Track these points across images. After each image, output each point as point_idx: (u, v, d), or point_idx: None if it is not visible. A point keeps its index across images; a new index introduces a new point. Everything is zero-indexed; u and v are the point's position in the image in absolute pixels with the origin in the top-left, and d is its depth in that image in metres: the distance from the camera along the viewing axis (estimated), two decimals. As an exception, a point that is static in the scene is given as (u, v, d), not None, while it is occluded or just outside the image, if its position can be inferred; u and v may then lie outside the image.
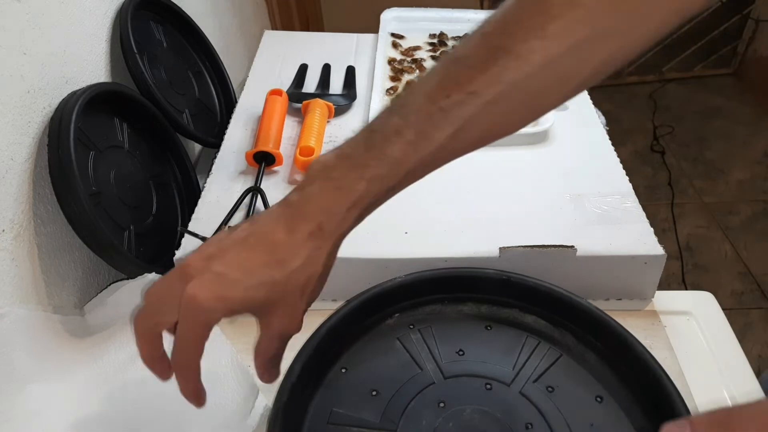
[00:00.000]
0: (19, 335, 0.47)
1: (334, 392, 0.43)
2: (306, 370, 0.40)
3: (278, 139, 0.68)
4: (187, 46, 0.79)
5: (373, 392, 0.43)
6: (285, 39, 0.90)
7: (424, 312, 0.49)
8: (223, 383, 0.48)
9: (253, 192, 0.61)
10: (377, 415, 0.41)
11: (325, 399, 0.42)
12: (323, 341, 0.42)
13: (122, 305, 0.54)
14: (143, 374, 0.37)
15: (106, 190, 0.56)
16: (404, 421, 0.41)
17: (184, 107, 0.73)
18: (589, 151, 0.68)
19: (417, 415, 0.42)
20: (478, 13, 0.93)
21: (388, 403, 0.42)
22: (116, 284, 0.55)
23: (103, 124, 0.59)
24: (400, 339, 0.46)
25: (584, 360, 0.45)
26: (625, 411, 0.42)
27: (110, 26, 0.65)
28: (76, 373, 0.48)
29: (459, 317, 0.49)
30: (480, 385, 0.44)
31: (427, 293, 0.49)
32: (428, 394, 0.43)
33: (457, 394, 0.43)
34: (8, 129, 0.48)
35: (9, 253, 0.48)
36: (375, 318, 0.47)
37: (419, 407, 0.42)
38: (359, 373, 0.44)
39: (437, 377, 0.44)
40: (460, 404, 0.42)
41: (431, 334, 0.47)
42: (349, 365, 0.45)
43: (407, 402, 0.42)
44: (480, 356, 0.46)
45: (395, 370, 0.44)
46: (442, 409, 0.42)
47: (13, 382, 0.45)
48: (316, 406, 0.42)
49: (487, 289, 0.49)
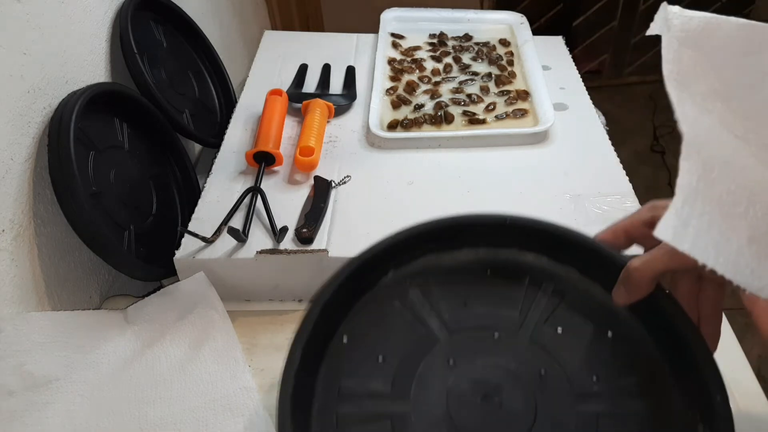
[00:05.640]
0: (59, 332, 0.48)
1: (340, 365, 0.41)
2: (307, 352, 0.38)
3: (278, 139, 0.68)
4: (187, 46, 0.79)
5: (379, 359, 0.41)
6: (285, 39, 0.90)
7: (419, 264, 0.45)
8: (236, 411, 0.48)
9: (253, 192, 0.61)
10: (387, 383, 0.40)
11: (331, 373, 0.40)
12: (320, 319, 0.40)
13: (164, 306, 0.54)
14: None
15: (106, 190, 0.56)
16: (416, 385, 0.40)
17: (184, 107, 0.73)
18: (589, 151, 0.68)
19: (428, 378, 0.40)
20: (478, 13, 0.93)
21: (397, 369, 0.40)
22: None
23: (103, 124, 0.59)
24: (398, 297, 0.44)
25: (590, 295, 0.43)
26: (637, 343, 0.40)
27: (110, 26, 0.65)
28: (100, 366, 0.48)
29: (457, 265, 0.45)
30: (488, 336, 0.42)
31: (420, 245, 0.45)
32: (436, 354, 0.41)
33: (465, 350, 0.41)
34: (8, 129, 0.48)
35: (9, 253, 0.48)
36: (369, 280, 0.44)
37: (429, 369, 0.40)
38: (362, 340, 0.42)
39: (443, 334, 0.42)
40: (470, 360, 0.41)
41: (430, 288, 0.44)
42: (350, 334, 0.42)
43: (416, 366, 0.40)
44: (484, 305, 0.43)
45: (398, 332, 0.42)
46: (452, 367, 0.40)
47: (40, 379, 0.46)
48: (323, 382, 0.40)
49: (483, 233, 0.45)
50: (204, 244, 0.56)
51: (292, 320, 0.57)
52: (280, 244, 0.56)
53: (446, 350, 0.41)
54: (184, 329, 0.52)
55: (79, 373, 0.48)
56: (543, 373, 0.40)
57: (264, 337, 0.55)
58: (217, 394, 0.48)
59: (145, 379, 0.49)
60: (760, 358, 1.39)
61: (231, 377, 0.49)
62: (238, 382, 0.49)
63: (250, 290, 0.58)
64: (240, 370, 0.50)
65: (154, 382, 0.48)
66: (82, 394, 0.47)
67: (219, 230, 0.56)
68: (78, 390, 0.47)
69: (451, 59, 0.84)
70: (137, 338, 0.52)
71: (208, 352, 0.51)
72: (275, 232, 0.57)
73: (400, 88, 0.78)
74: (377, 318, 0.43)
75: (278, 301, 0.59)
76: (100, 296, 0.61)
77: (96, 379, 0.48)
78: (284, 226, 0.57)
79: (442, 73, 0.81)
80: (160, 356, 0.50)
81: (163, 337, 0.52)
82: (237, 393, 0.48)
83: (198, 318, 0.53)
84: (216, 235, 0.56)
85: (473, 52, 0.86)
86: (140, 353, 0.50)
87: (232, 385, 0.49)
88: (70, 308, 0.56)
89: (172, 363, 0.50)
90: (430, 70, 0.82)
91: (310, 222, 0.57)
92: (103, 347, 0.50)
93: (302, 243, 0.56)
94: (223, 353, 0.51)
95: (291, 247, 0.56)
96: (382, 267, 0.44)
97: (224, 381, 0.49)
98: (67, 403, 0.46)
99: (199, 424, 0.46)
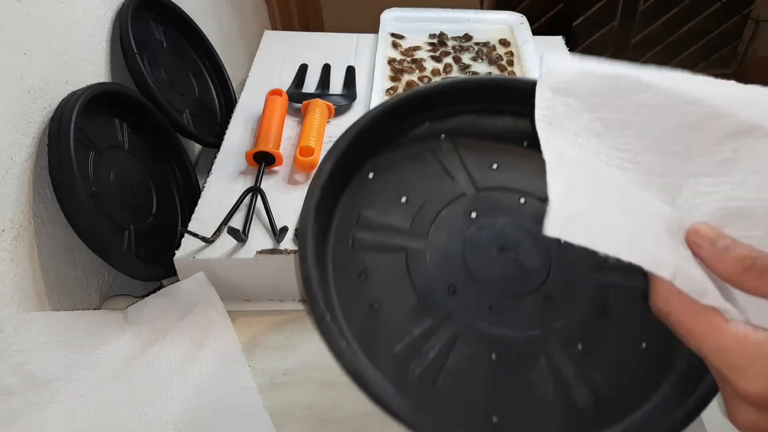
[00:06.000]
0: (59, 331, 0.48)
1: (362, 197, 0.41)
2: (336, 170, 0.38)
3: (278, 139, 0.68)
4: (187, 46, 0.79)
5: (402, 199, 0.41)
6: (285, 39, 0.90)
7: (456, 122, 0.44)
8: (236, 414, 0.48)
9: (253, 192, 0.61)
10: (406, 221, 0.40)
11: (353, 202, 0.40)
12: (353, 143, 0.39)
13: (164, 306, 0.54)
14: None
15: (106, 190, 0.56)
16: (435, 228, 0.40)
17: (184, 107, 0.73)
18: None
19: (447, 223, 0.40)
20: (478, 13, 0.93)
21: (418, 211, 0.40)
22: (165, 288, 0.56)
23: (103, 124, 0.59)
24: (430, 148, 0.43)
25: None
26: None
27: (110, 26, 0.65)
28: (100, 366, 0.48)
29: (494, 130, 0.44)
30: (514, 199, 0.42)
31: (461, 101, 0.44)
32: (459, 205, 0.41)
33: (489, 207, 0.41)
34: (8, 129, 0.48)
35: (9, 253, 0.48)
36: (404, 125, 0.43)
37: (450, 216, 0.40)
38: (388, 179, 0.42)
39: (469, 189, 0.42)
40: (493, 216, 0.41)
41: (463, 145, 0.44)
42: (376, 171, 0.42)
43: (438, 210, 0.40)
44: (515, 171, 0.43)
45: (425, 179, 0.42)
46: (473, 219, 0.40)
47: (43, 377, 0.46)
48: (344, 208, 0.40)
49: (528, 101, 0.44)
50: (204, 244, 0.56)
51: (292, 320, 0.57)
52: (280, 244, 0.56)
53: (470, 204, 0.41)
54: (184, 329, 0.52)
55: (79, 373, 0.48)
56: (563, 241, 0.40)
57: (264, 337, 0.55)
58: (217, 394, 0.48)
59: (145, 379, 0.49)
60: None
61: (231, 377, 0.49)
62: (238, 382, 0.49)
63: (250, 290, 0.58)
64: (240, 370, 0.50)
65: (154, 382, 0.48)
66: (82, 394, 0.47)
67: (219, 230, 0.56)
68: (78, 390, 0.47)
69: (451, 59, 0.84)
70: (137, 338, 0.52)
71: (208, 352, 0.51)
72: (275, 232, 0.57)
73: (400, 88, 0.78)
74: (406, 163, 0.42)
75: (278, 301, 0.59)
76: (100, 296, 0.61)
77: (96, 379, 0.48)
78: (284, 226, 0.57)
79: (442, 73, 0.81)
80: (160, 356, 0.50)
81: (163, 337, 0.52)
82: (237, 393, 0.48)
83: (198, 318, 0.53)
84: (216, 235, 0.56)
85: (473, 52, 0.86)
86: (140, 353, 0.50)
87: (232, 385, 0.49)
88: (70, 308, 0.56)
89: (172, 363, 0.50)
90: (430, 70, 0.82)
91: (310, 222, 0.57)
92: (103, 347, 0.50)
93: (302, 243, 0.56)
94: (223, 353, 0.51)
95: (291, 247, 0.56)
96: (420, 116, 0.43)
97: (224, 381, 0.49)
98: (67, 403, 0.46)
99: (198, 423, 0.46)
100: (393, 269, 0.39)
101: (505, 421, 0.35)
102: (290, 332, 0.56)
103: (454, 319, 0.38)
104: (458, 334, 0.37)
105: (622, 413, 0.36)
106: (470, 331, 0.38)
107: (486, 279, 0.39)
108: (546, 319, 0.38)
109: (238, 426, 0.47)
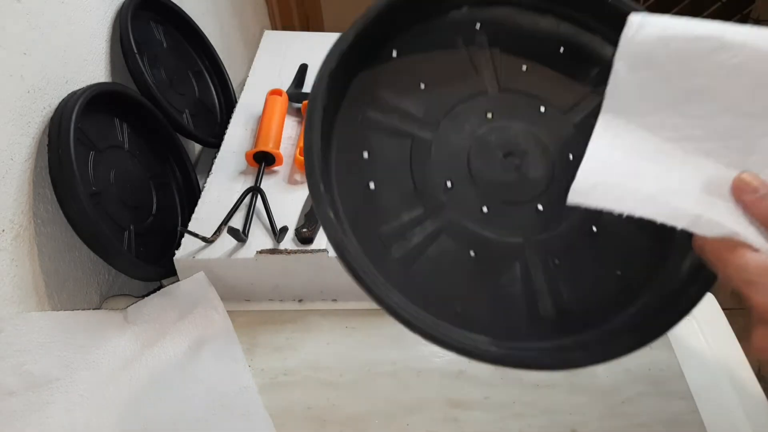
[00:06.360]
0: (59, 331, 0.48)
1: (381, 75, 0.40)
2: (359, 40, 0.37)
3: (278, 139, 0.68)
4: (187, 46, 0.79)
5: (421, 85, 0.40)
6: (285, 39, 0.90)
7: (496, 12, 0.42)
8: (236, 413, 0.48)
9: (253, 192, 0.61)
10: (420, 108, 0.39)
11: (370, 79, 0.39)
12: (383, 12, 0.38)
13: (164, 306, 0.54)
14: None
15: (106, 190, 0.56)
16: (447, 121, 0.39)
17: (184, 107, 0.73)
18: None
19: (461, 118, 0.40)
20: None
21: (435, 100, 0.40)
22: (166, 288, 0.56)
23: (103, 124, 0.59)
24: (463, 36, 0.41)
25: None
26: None
27: (110, 26, 0.65)
28: (100, 366, 0.48)
29: (533, 30, 0.42)
30: (535, 106, 0.41)
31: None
32: (478, 102, 0.40)
33: (508, 110, 0.40)
34: (8, 129, 0.48)
35: (9, 253, 0.48)
36: (441, 5, 0.41)
37: (465, 112, 0.40)
38: (411, 61, 0.41)
39: (492, 87, 0.41)
40: (508, 120, 0.40)
41: (498, 39, 0.42)
42: (402, 50, 0.40)
43: (455, 103, 0.40)
44: (543, 77, 0.42)
45: (449, 68, 0.41)
46: (489, 120, 0.40)
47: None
48: (359, 83, 0.39)
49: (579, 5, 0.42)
50: (204, 244, 0.56)
51: (292, 320, 0.57)
52: (280, 244, 0.56)
53: (489, 103, 0.40)
54: (184, 329, 0.52)
55: (79, 373, 0.48)
56: (571, 158, 0.39)
57: (264, 337, 0.55)
58: (217, 394, 0.48)
59: (145, 379, 0.49)
60: (760, 358, 1.39)
61: (231, 377, 0.49)
62: (238, 382, 0.49)
63: (250, 290, 0.58)
64: (240, 370, 0.50)
65: (154, 382, 0.48)
66: (82, 394, 0.47)
67: (219, 230, 0.56)
68: (78, 390, 0.47)
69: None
70: (137, 338, 0.52)
71: (208, 352, 0.51)
72: (275, 232, 0.57)
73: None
74: (434, 48, 0.41)
75: (278, 301, 0.59)
76: (100, 296, 0.61)
77: (96, 379, 0.48)
78: (284, 226, 0.57)
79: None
80: (160, 356, 0.50)
81: (163, 337, 0.52)
82: (237, 393, 0.48)
83: (198, 318, 0.53)
84: (216, 235, 0.56)
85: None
86: (140, 353, 0.50)
87: (232, 385, 0.49)
88: (70, 308, 0.56)
89: (172, 363, 0.50)
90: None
91: (310, 222, 0.57)
92: (103, 347, 0.50)
93: (302, 243, 0.56)
94: (223, 353, 0.51)
95: (291, 247, 0.56)
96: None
97: (224, 381, 0.49)
98: (67, 403, 0.46)
99: (199, 423, 0.46)
100: (396, 154, 0.39)
101: (467, 312, 0.37)
102: (290, 332, 0.56)
103: (444, 214, 0.38)
104: (444, 228, 0.38)
105: (579, 328, 0.37)
106: (456, 227, 0.38)
107: (485, 181, 0.39)
108: (532, 229, 0.39)
109: (238, 426, 0.47)
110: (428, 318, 0.35)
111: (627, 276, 0.39)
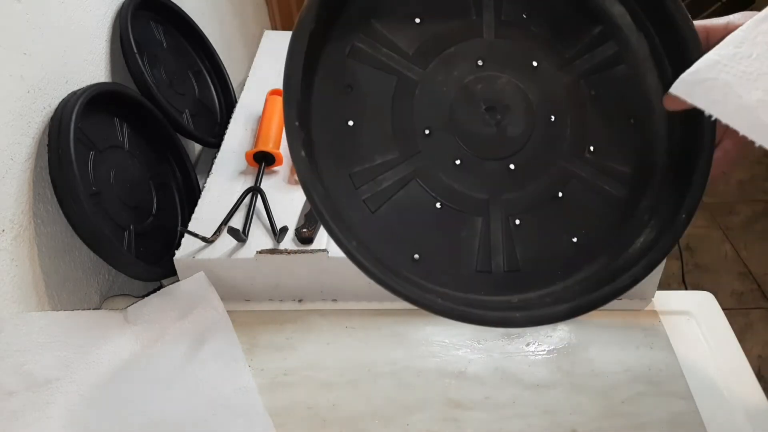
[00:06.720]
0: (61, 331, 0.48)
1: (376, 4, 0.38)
2: None
3: (278, 139, 0.68)
4: (187, 46, 0.79)
5: (416, 19, 0.39)
6: (285, 39, 0.90)
7: None
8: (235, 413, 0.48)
9: (253, 192, 0.61)
10: (412, 46, 0.39)
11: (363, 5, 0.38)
12: None
13: (164, 306, 0.54)
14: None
15: (106, 190, 0.56)
16: (436, 63, 0.39)
17: (184, 107, 0.73)
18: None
19: (452, 62, 0.39)
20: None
21: (428, 39, 0.39)
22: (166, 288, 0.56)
23: (103, 124, 0.59)
24: None
25: (644, 80, 0.40)
26: (651, 143, 0.40)
27: (110, 26, 0.65)
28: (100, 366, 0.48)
29: None
30: (528, 59, 0.40)
31: None
32: (471, 46, 0.39)
33: (500, 59, 0.40)
34: (8, 129, 0.48)
35: (9, 253, 0.48)
36: None
37: (456, 55, 0.39)
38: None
39: (488, 32, 0.40)
40: (498, 69, 0.39)
41: None
42: None
43: (447, 45, 0.39)
44: (543, 28, 0.41)
45: (449, 4, 0.40)
46: (479, 67, 0.39)
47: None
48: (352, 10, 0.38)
49: None
50: (204, 244, 0.56)
51: (292, 320, 0.57)
52: (280, 244, 0.56)
53: (482, 49, 0.40)
54: (184, 329, 0.52)
55: (79, 373, 0.48)
56: (553, 119, 0.39)
57: (264, 337, 0.55)
58: (217, 394, 0.48)
59: (145, 379, 0.49)
60: (760, 358, 1.39)
61: (231, 377, 0.49)
62: (238, 382, 0.49)
63: (250, 290, 0.58)
64: (240, 370, 0.50)
65: (154, 382, 0.48)
66: (82, 394, 0.47)
67: (219, 230, 0.56)
68: (78, 390, 0.47)
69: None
70: (137, 338, 0.52)
71: (208, 352, 0.51)
72: (275, 232, 0.57)
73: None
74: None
75: (278, 301, 0.59)
76: (100, 296, 0.61)
77: (96, 379, 0.48)
78: (284, 226, 0.57)
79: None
80: (160, 356, 0.50)
81: (163, 337, 0.52)
82: (237, 393, 0.48)
83: (198, 318, 0.53)
84: (216, 235, 0.56)
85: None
86: (140, 353, 0.50)
87: (232, 385, 0.49)
88: (70, 308, 0.56)
89: (172, 363, 0.50)
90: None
91: (310, 222, 0.57)
92: (103, 347, 0.50)
93: (302, 243, 0.56)
94: (223, 353, 0.51)
95: (291, 247, 0.56)
96: None
97: (224, 381, 0.49)
98: (67, 403, 0.46)
99: (198, 423, 0.46)
100: (379, 91, 0.38)
101: (425, 260, 0.37)
102: (290, 332, 0.56)
103: (418, 161, 0.38)
104: (416, 175, 0.38)
105: (525, 287, 0.38)
106: (427, 176, 0.38)
107: (463, 133, 0.39)
108: (500, 188, 0.39)
109: (238, 426, 0.47)
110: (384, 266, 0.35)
111: (580, 244, 0.39)
